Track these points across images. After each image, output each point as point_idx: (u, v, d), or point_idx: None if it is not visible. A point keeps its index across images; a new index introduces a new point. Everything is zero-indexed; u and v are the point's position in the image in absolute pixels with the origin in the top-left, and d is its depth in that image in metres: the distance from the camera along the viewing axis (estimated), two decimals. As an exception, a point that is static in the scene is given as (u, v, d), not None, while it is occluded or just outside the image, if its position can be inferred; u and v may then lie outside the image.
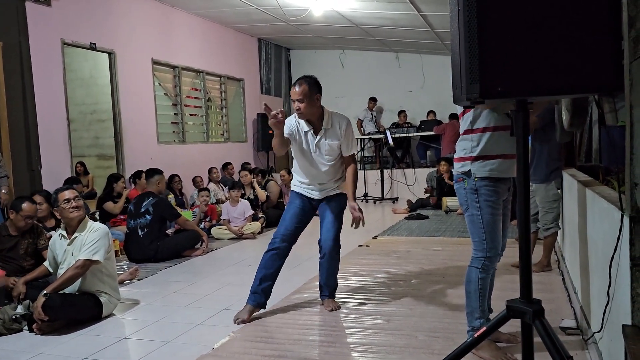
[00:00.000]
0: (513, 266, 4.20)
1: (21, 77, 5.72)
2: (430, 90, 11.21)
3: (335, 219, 3.55)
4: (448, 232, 6.36)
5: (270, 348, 2.93)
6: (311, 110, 3.29)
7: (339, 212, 3.58)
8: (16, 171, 5.59)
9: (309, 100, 3.23)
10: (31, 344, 3.17)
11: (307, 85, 3.24)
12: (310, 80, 3.27)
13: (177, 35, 8.45)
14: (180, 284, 4.45)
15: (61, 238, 3.63)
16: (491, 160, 2.54)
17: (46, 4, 6.07)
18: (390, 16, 8.29)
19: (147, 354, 2.95)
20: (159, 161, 7.42)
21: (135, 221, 5.40)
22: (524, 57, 1.73)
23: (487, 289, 2.66)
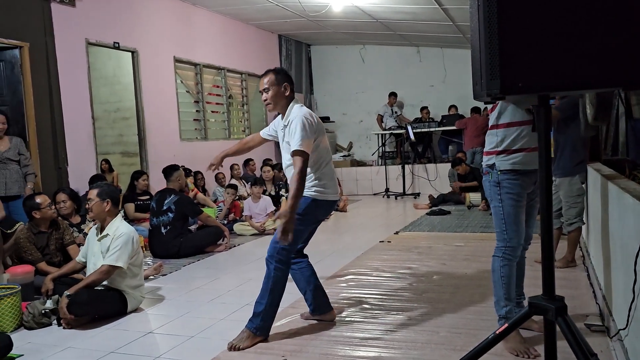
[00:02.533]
0: (537, 262, 4.15)
1: (47, 77, 5.84)
2: (451, 84, 11.10)
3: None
4: (470, 228, 6.31)
5: (292, 343, 2.96)
6: (279, 102, 3.07)
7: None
8: (43, 169, 5.72)
9: (276, 90, 3.04)
10: (60, 338, 3.26)
11: (274, 73, 3.07)
12: (278, 69, 3.13)
13: (198, 33, 8.52)
14: (203, 280, 4.51)
15: (96, 231, 3.76)
16: (515, 153, 2.64)
17: (71, 5, 6.18)
18: (410, 10, 8.22)
19: (172, 348, 3.01)
20: (181, 158, 7.51)
21: (158, 219, 5.48)
22: (546, 51, 1.71)
23: (510, 278, 2.71)
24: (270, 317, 3.00)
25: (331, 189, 3.10)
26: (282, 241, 2.84)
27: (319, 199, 3.02)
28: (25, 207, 4.30)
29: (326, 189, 3.06)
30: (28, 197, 4.43)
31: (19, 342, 3.15)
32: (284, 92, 3.06)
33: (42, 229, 4.28)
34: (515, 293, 2.82)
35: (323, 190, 3.04)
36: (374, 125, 11.48)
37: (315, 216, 3.10)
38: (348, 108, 12.15)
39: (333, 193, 3.12)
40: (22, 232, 4.25)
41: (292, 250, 3.03)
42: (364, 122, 12.05)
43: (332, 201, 3.14)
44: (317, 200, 3.02)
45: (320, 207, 3.07)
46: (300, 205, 2.94)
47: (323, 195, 3.04)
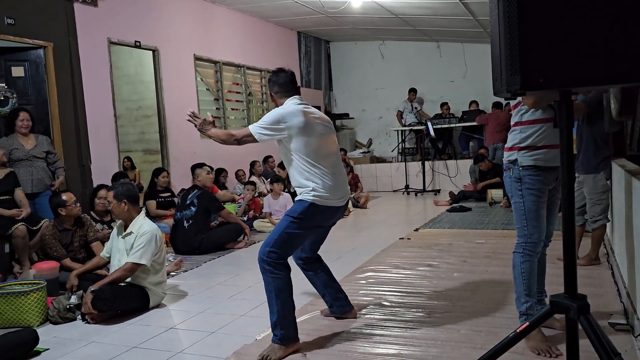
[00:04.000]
0: (559, 259, 4.10)
1: (71, 76, 5.94)
2: (472, 79, 10.98)
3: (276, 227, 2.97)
4: (491, 225, 6.25)
5: (312, 340, 2.97)
6: (273, 103, 3.11)
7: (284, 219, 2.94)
8: (68, 167, 5.82)
9: (270, 94, 3.11)
10: (84, 333, 3.32)
11: (268, 81, 3.16)
12: (270, 76, 3.09)
13: (218, 31, 8.57)
14: (224, 276, 4.55)
15: (120, 228, 3.82)
16: (538, 150, 2.62)
17: (93, 5, 6.27)
18: (430, 5, 8.15)
19: (193, 343, 3.04)
20: (202, 155, 7.57)
21: (182, 213, 5.57)
22: (568, 45, 1.68)
23: (531, 274, 2.69)
24: (290, 323, 2.82)
25: (334, 194, 2.91)
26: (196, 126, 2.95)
27: (318, 204, 2.86)
28: (51, 204, 4.40)
29: (328, 194, 2.88)
30: (54, 195, 4.52)
31: (45, 336, 3.23)
32: (274, 95, 3.05)
33: (66, 226, 4.37)
34: (537, 290, 2.79)
35: (324, 195, 2.86)
36: (394, 122, 11.43)
37: (315, 221, 2.91)
38: (367, 104, 12.11)
39: (337, 198, 2.94)
40: (47, 229, 4.35)
41: (284, 255, 2.85)
42: (383, 119, 12.00)
43: (335, 207, 2.95)
44: (317, 205, 2.86)
45: (321, 212, 2.89)
46: (297, 207, 2.87)
47: (323, 201, 2.87)
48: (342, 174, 3.05)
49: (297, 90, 3.06)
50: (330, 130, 3.05)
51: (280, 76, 3.02)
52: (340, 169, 3.02)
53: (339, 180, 2.96)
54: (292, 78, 3.05)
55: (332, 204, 2.91)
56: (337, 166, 2.99)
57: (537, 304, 2.75)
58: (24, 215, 4.64)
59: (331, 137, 3.04)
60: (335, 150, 3.05)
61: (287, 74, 3.04)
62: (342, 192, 3.00)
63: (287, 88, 3.02)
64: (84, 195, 5.92)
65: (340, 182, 2.98)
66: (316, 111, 3.04)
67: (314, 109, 3.04)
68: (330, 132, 3.04)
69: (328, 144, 2.98)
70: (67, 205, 4.31)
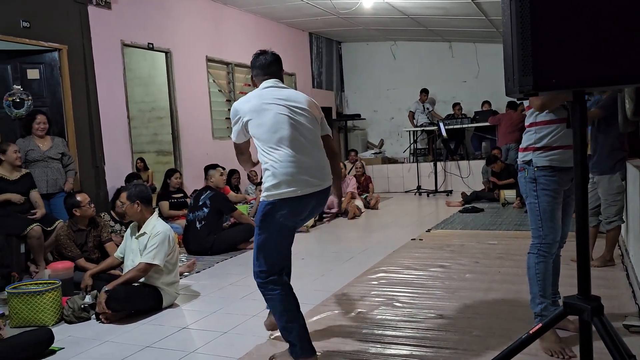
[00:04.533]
0: (573, 261, 4.06)
1: (85, 78, 6.01)
2: (485, 79, 10.91)
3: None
4: (504, 226, 6.21)
5: (323, 341, 2.97)
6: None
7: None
8: (82, 168, 5.89)
9: (252, 79, 2.93)
10: (98, 332, 3.36)
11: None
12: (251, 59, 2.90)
13: (230, 32, 8.62)
14: (236, 276, 4.57)
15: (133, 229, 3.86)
16: (553, 150, 2.61)
17: (107, 7, 6.33)
18: (442, 5, 8.12)
19: (206, 343, 3.06)
20: (214, 156, 7.61)
21: (194, 214, 5.60)
22: (581, 45, 1.68)
23: (546, 275, 2.68)
24: (302, 335, 2.63)
25: (285, 183, 2.53)
26: None
27: (275, 199, 2.54)
28: (66, 204, 4.45)
29: (277, 183, 2.54)
30: (69, 195, 4.57)
31: (60, 335, 3.26)
32: (254, 78, 2.87)
33: (81, 227, 4.42)
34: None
35: (276, 184, 2.54)
36: (405, 122, 11.40)
37: (277, 222, 2.57)
38: (379, 105, 12.09)
39: (291, 187, 2.53)
40: (62, 230, 4.40)
41: (270, 270, 2.64)
42: (395, 119, 11.97)
43: (292, 199, 2.54)
44: (274, 203, 2.55)
45: (278, 209, 2.55)
46: (258, 213, 2.63)
47: (274, 194, 2.54)
48: (309, 160, 2.62)
49: (274, 73, 2.81)
50: (302, 114, 2.67)
51: (259, 59, 2.82)
52: (305, 154, 2.61)
53: (304, 165, 2.58)
54: (271, 60, 2.82)
55: (287, 195, 2.54)
56: (305, 152, 2.61)
57: (552, 305, 2.73)
58: (39, 216, 4.70)
59: (300, 121, 2.65)
60: (300, 133, 2.63)
61: (266, 55, 2.82)
62: (308, 177, 2.58)
63: (264, 71, 2.80)
64: (98, 196, 5.99)
65: (306, 167, 2.58)
66: (288, 93, 2.74)
67: (286, 92, 2.74)
68: (301, 116, 2.66)
69: (293, 127, 2.61)
70: (82, 206, 4.36)
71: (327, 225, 6.99)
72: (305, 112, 2.70)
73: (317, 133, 2.76)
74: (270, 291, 2.65)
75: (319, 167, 2.67)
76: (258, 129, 2.63)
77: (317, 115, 2.79)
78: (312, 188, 2.60)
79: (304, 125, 2.66)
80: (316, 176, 2.62)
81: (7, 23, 5.21)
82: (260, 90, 2.76)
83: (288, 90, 2.81)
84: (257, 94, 2.74)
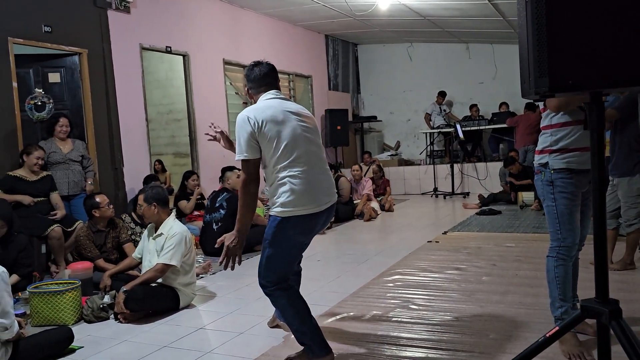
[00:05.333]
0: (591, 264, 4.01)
1: (104, 81, 6.10)
2: (502, 81, 10.83)
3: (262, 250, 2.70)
4: (522, 228, 6.15)
5: (339, 342, 2.97)
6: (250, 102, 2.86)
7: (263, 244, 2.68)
8: (101, 170, 5.98)
9: (247, 93, 2.86)
10: (116, 332, 3.41)
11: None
12: (245, 71, 2.84)
13: (246, 35, 8.68)
14: (251, 278, 4.56)
15: (151, 230, 3.91)
16: (570, 153, 2.59)
17: (126, 12, 6.42)
18: (459, 6, 8.08)
19: (222, 344, 3.09)
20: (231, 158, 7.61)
21: (211, 215, 5.66)
22: (598, 45, 1.66)
23: (565, 278, 2.65)
24: (315, 336, 2.64)
25: (303, 199, 2.54)
26: (223, 266, 2.60)
27: (286, 215, 2.54)
28: (85, 205, 4.52)
29: (294, 200, 2.53)
30: (88, 197, 4.65)
31: (79, 334, 3.31)
32: (250, 91, 2.81)
33: (100, 228, 4.49)
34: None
35: (291, 202, 2.53)
36: (422, 124, 11.35)
37: (290, 238, 2.59)
38: (395, 107, 12.06)
39: (308, 204, 2.56)
40: (82, 230, 4.47)
41: (277, 279, 2.63)
42: (411, 121, 11.93)
43: (308, 215, 2.56)
44: (286, 219, 2.55)
45: (293, 226, 2.55)
46: (268, 228, 2.60)
47: (290, 210, 2.53)
48: (322, 177, 2.66)
49: (271, 84, 2.74)
50: (311, 129, 2.67)
51: (254, 71, 2.72)
52: (318, 171, 2.64)
53: (318, 182, 2.62)
54: (266, 71, 2.72)
55: (300, 212, 2.55)
56: (314, 167, 2.62)
57: (572, 308, 2.70)
58: (59, 217, 4.79)
59: (311, 137, 2.65)
60: (313, 149, 2.65)
61: (260, 67, 2.73)
62: (322, 194, 2.62)
63: (259, 83, 2.72)
64: (117, 198, 6.08)
65: (320, 184, 2.62)
66: (294, 107, 2.72)
67: (292, 105, 2.72)
68: (311, 131, 2.67)
69: (308, 143, 2.62)
70: (101, 207, 4.42)
71: (343, 227, 7.00)
72: (311, 125, 2.72)
73: (322, 147, 2.79)
74: (278, 297, 2.66)
75: (330, 184, 2.73)
76: (275, 142, 2.55)
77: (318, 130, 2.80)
78: (325, 205, 2.64)
79: (313, 141, 2.69)
80: (328, 193, 2.67)
81: (30, 28, 5.32)
82: (269, 101, 2.66)
83: (291, 102, 2.80)
84: (267, 104, 2.63)
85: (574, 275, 2.82)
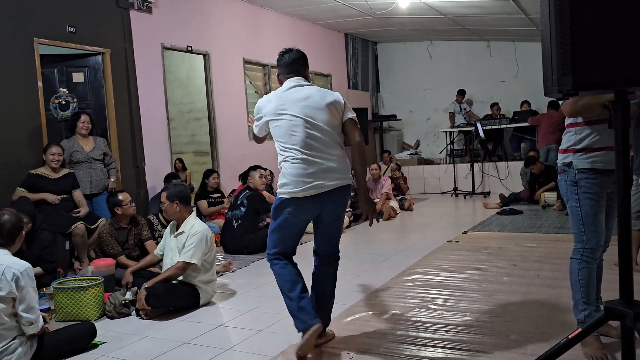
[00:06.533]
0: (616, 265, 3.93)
1: (126, 80, 6.18)
2: (524, 79, 10.69)
3: None
4: (544, 228, 6.07)
5: (358, 341, 2.98)
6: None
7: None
8: (123, 168, 6.06)
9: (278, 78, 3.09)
10: (138, 328, 3.46)
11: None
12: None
13: (266, 34, 8.71)
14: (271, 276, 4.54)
15: (172, 228, 3.95)
16: (595, 152, 2.53)
17: (147, 12, 6.50)
18: (480, 4, 8.00)
19: (241, 341, 3.11)
20: (251, 157, 7.70)
21: (232, 212, 5.72)
22: (623, 43, 1.64)
23: (589, 281, 2.60)
24: (297, 309, 2.78)
25: (291, 184, 2.73)
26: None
27: (283, 197, 2.78)
28: (108, 203, 4.60)
29: (283, 183, 2.76)
30: (111, 194, 4.72)
31: (102, 330, 3.37)
32: (279, 76, 2.98)
33: (122, 225, 4.55)
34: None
35: (281, 184, 2.78)
36: (442, 123, 11.27)
37: (283, 216, 2.79)
38: (415, 105, 12.00)
39: (295, 188, 2.72)
40: (104, 227, 4.55)
41: (278, 250, 2.90)
42: (431, 120, 11.86)
43: (295, 199, 2.73)
44: (282, 200, 2.79)
45: (285, 206, 2.77)
46: (273, 203, 2.87)
47: (281, 192, 2.79)
48: (324, 162, 2.75)
49: (298, 71, 2.90)
50: (319, 116, 2.77)
51: (284, 57, 2.93)
52: (321, 157, 2.74)
53: (310, 168, 2.72)
54: (295, 57, 2.91)
55: (286, 196, 2.75)
56: (314, 154, 2.74)
57: (596, 311, 2.66)
58: (82, 214, 4.87)
59: (315, 123, 2.76)
60: (316, 134, 2.75)
61: (290, 54, 2.92)
62: (312, 179, 2.71)
63: (286, 69, 2.91)
64: (139, 196, 6.16)
65: (312, 169, 2.72)
66: (308, 93, 2.82)
67: (306, 91, 2.83)
68: (318, 117, 2.76)
69: (307, 130, 2.74)
70: (123, 204, 4.49)
71: (361, 226, 6.99)
72: (322, 112, 2.79)
73: (334, 133, 2.83)
74: (273, 266, 2.93)
75: (327, 169, 2.76)
76: (276, 130, 2.83)
77: (337, 113, 2.84)
78: (315, 190, 2.74)
79: (319, 127, 2.77)
80: (321, 178, 2.74)
81: (54, 29, 5.42)
82: (281, 92, 2.87)
83: (309, 88, 2.87)
84: (278, 95, 2.87)
85: (598, 277, 2.77)
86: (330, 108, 2.82)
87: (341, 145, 2.86)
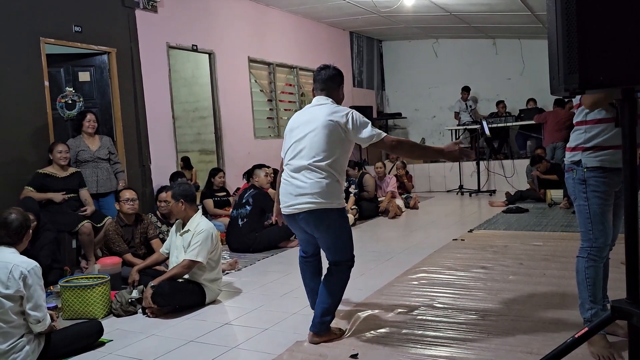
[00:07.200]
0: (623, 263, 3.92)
1: (132, 79, 6.20)
2: (530, 76, 10.65)
3: None
4: (550, 227, 6.04)
5: (363, 339, 2.98)
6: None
7: None
8: (129, 167, 6.08)
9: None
10: (144, 326, 3.47)
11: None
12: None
13: (271, 33, 8.71)
14: (276, 274, 4.62)
15: (178, 226, 3.96)
16: (604, 150, 2.51)
17: (153, 11, 6.51)
18: (486, 1, 7.97)
19: (247, 339, 3.12)
20: (256, 156, 7.72)
21: (238, 211, 5.72)
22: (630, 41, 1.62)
23: (596, 279, 2.59)
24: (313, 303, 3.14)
25: (281, 198, 3.00)
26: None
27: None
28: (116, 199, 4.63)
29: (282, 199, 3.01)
30: (119, 190, 4.77)
31: (109, 328, 3.39)
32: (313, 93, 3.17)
33: (127, 222, 4.57)
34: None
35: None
36: (447, 121, 11.25)
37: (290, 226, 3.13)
38: (420, 103, 11.98)
39: (282, 204, 2.98)
40: (110, 225, 4.57)
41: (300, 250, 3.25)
42: (437, 118, 11.84)
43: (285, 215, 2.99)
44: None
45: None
46: None
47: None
48: (294, 180, 2.88)
49: (329, 89, 3.02)
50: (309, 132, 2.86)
51: (320, 73, 3.06)
52: (296, 174, 2.88)
53: (286, 187, 2.93)
54: (328, 75, 3.01)
55: (283, 211, 3.01)
56: (294, 175, 2.88)
57: (603, 310, 2.65)
58: (89, 213, 4.90)
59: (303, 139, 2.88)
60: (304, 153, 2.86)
61: (326, 71, 3.03)
62: (285, 199, 2.93)
63: (319, 85, 3.06)
64: (144, 195, 6.18)
65: (287, 189, 2.92)
66: (314, 114, 2.92)
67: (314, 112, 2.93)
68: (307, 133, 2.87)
69: (295, 150, 2.91)
70: (121, 200, 4.51)
71: (367, 224, 6.99)
72: (315, 134, 2.84)
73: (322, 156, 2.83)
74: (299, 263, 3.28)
75: (301, 192, 2.84)
76: (283, 145, 3.06)
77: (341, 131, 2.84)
78: (290, 209, 2.93)
79: (308, 145, 2.85)
80: (293, 199, 2.88)
81: (61, 28, 5.44)
82: (305, 108, 3.05)
83: (319, 109, 2.92)
84: (301, 111, 3.06)
85: (604, 276, 2.75)
86: (335, 125, 2.83)
87: (328, 169, 2.82)
